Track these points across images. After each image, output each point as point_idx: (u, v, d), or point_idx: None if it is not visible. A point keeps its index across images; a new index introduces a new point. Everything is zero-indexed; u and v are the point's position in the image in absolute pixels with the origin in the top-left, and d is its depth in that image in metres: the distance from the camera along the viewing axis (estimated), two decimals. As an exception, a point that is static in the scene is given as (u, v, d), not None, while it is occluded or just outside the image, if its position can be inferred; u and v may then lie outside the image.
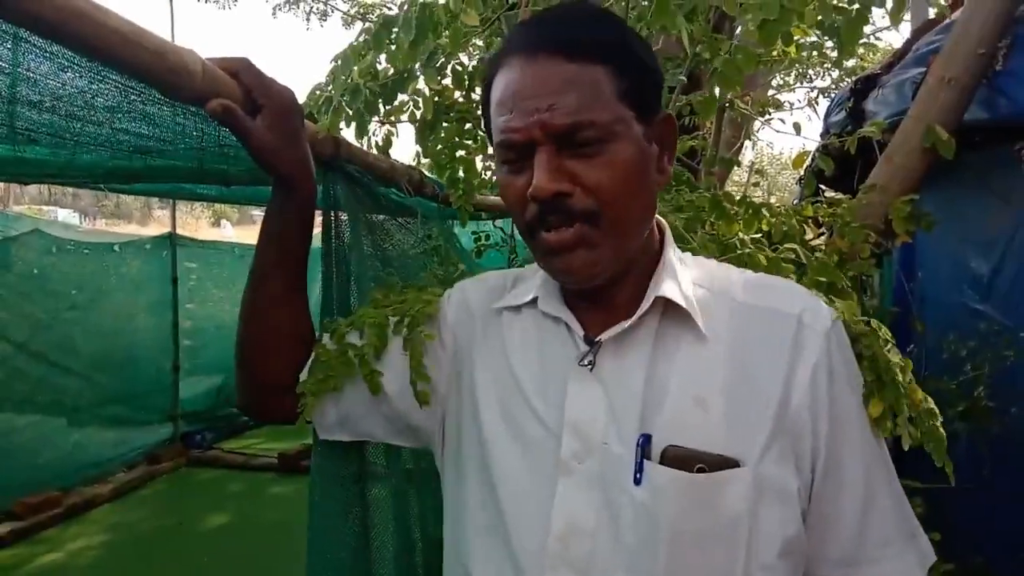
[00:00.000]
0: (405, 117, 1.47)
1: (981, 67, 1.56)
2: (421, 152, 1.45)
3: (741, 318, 0.84)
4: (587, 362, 0.84)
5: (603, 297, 0.86)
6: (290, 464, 5.66)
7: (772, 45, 1.02)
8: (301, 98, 1.35)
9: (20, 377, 4.71)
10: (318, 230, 1.28)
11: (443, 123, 1.39)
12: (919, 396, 0.99)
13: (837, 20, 1.12)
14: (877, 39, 6.53)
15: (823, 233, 1.86)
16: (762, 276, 0.93)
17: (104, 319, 5.48)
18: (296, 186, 0.96)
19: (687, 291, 0.84)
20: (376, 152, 1.50)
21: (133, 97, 1.03)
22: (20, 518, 4.46)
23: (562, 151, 0.77)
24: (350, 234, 1.28)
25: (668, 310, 0.84)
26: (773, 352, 0.81)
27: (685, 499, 0.77)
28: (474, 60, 1.39)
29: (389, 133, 1.48)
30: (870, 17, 1.04)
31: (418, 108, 1.37)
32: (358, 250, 1.29)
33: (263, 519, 4.77)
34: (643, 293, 0.84)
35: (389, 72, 1.33)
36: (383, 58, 1.27)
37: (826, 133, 2.77)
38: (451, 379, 0.98)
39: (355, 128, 1.28)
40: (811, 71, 7.29)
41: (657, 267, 0.86)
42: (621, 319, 0.84)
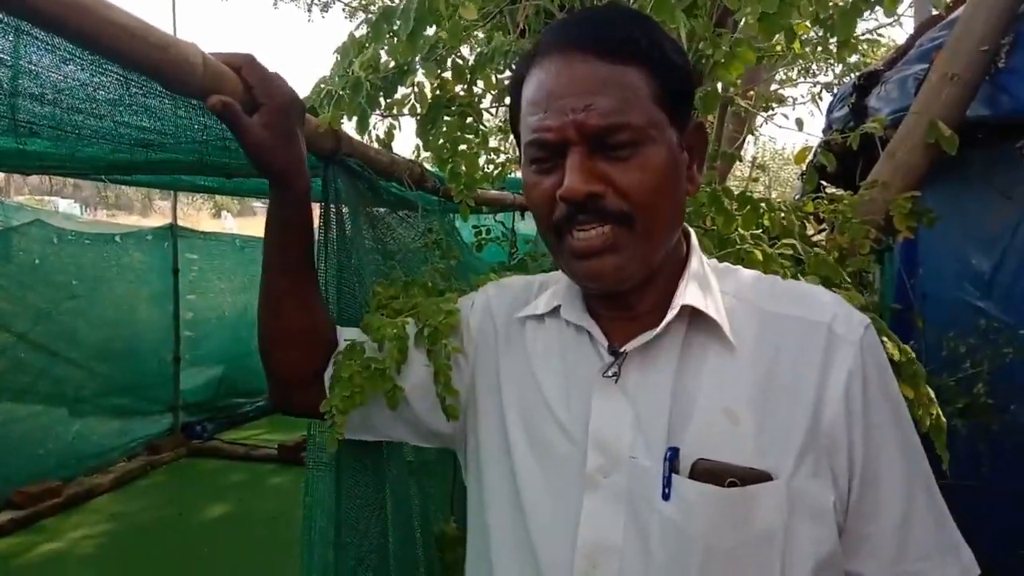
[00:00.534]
0: (406, 110, 1.47)
1: (984, 64, 1.56)
2: (422, 146, 1.45)
3: (770, 327, 0.81)
4: (611, 373, 0.82)
5: (627, 305, 0.84)
6: (290, 455, 5.67)
7: (772, 38, 1.02)
8: (305, 91, 1.35)
9: (21, 367, 4.70)
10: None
11: (444, 117, 1.39)
12: (923, 387, 1.00)
13: (833, 14, 1.12)
14: (879, 35, 6.49)
15: (824, 229, 1.87)
16: (791, 283, 0.90)
17: (105, 310, 5.46)
18: (289, 184, 0.95)
19: (714, 299, 0.82)
20: (378, 146, 1.50)
21: (135, 90, 1.03)
22: (21, 507, 4.46)
23: (595, 153, 0.76)
24: (351, 228, 1.28)
25: (695, 319, 0.81)
26: (804, 362, 0.78)
27: (717, 514, 0.74)
28: (475, 54, 1.38)
29: (391, 127, 1.48)
30: (863, 9, 1.04)
31: (419, 102, 1.37)
32: (358, 244, 1.29)
33: (263, 509, 4.79)
34: (668, 302, 0.82)
35: (390, 65, 1.33)
36: (384, 50, 1.27)
37: (829, 129, 2.77)
38: (475, 388, 0.96)
39: (356, 122, 1.28)
40: (814, 66, 7.26)
41: (683, 275, 0.84)
42: (646, 328, 0.81)
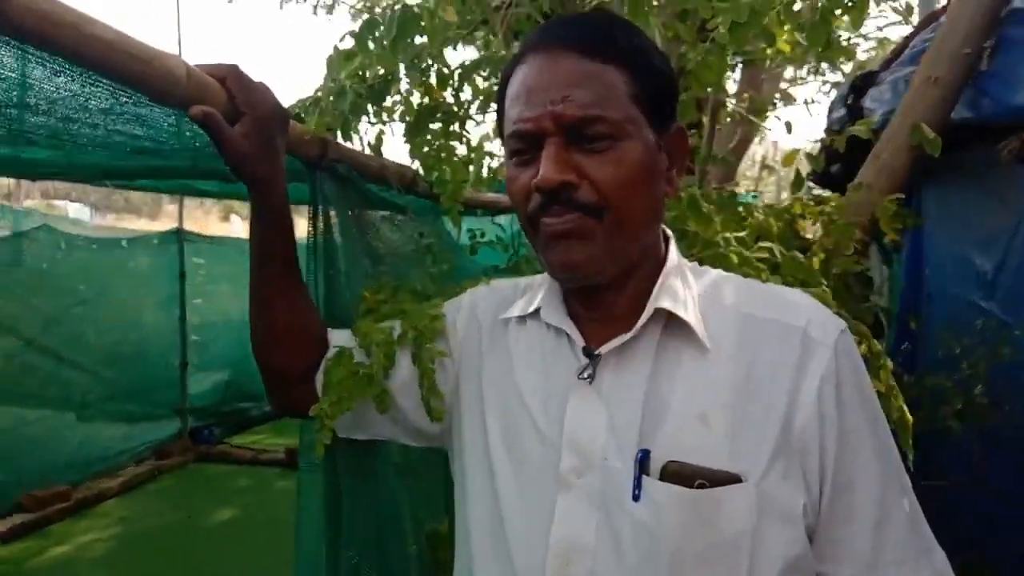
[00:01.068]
0: (397, 116, 1.50)
1: (966, 67, 1.56)
2: (409, 153, 1.47)
3: (745, 330, 0.81)
4: (586, 375, 0.82)
5: (605, 307, 0.85)
6: (297, 459, 5.69)
7: (743, 46, 1.04)
8: (310, 91, 1.38)
9: (29, 372, 4.73)
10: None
11: (430, 124, 1.41)
12: (889, 380, 1.02)
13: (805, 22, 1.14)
14: (879, 37, 6.47)
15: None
16: (769, 287, 0.90)
17: (113, 314, 5.48)
18: (266, 190, 0.98)
19: (689, 303, 0.82)
20: (369, 151, 1.52)
21: (124, 99, 1.05)
22: (30, 511, 4.48)
23: (571, 145, 0.77)
24: (339, 232, 1.30)
25: (670, 322, 0.82)
26: (778, 366, 0.78)
27: (685, 515, 0.75)
28: (460, 62, 1.40)
29: (380, 132, 1.50)
30: (831, 22, 1.06)
31: (406, 108, 1.39)
32: (347, 247, 1.31)
33: (270, 513, 4.80)
34: (645, 305, 0.82)
35: (379, 71, 1.35)
36: (370, 60, 1.29)
37: (829, 130, 2.77)
38: (459, 390, 0.98)
39: (340, 130, 1.30)
40: (823, 64, 7.22)
41: (659, 278, 0.84)
42: (622, 331, 0.82)
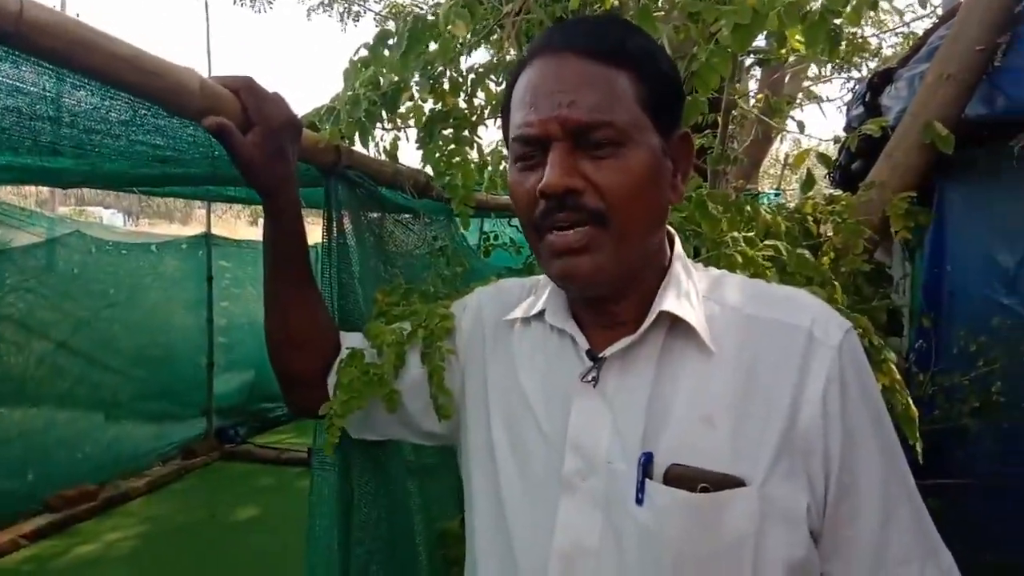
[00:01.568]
0: (412, 122, 1.52)
1: (980, 64, 1.55)
2: (421, 159, 1.49)
3: (749, 331, 0.81)
4: (590, 378, 0.82)
5: (609, 311, 0.84)
6: (320, 459, 5.75)
7: (745, 48, 1.05)
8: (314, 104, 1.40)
9: (60, 374, 4.82)
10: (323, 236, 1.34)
11: (441, 131, 1.43)
12: (893, 373, 1.03)
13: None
14: (905, 33, 6.38)
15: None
16: (775, 287, 0.90)
17: (142, 317, 5.58)
18: (277, 197, 1.00)
19: (693, 305, 0.82)
20: (384, 157, 1.55)
21: (143, 111, 1.09)
22: (57, 510, 4.56)
23: (576, 150, 0.76)
24: (352, 236, 1.32)
25: (674, 325, 0.81)
26: (782, 367, 0.78)
27: (688, 520, 0.74)
28: (470, 67, 1.42)
29: (396, 139, 1.53)
30: (829, 21, 1.06)
31: (415, 116, 1.42)
32: (360, 251, 1.34)
33: (292, 512, 4.81)
34: (649, 307, 0.82)
35: (394, 79, 1.38)
36: (384, 70, 1.32)
37: (848, 127, 2.75)
38: (464, 390, 0.99)
39: (358, 137, 1.33)
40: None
41: (663, 281, 0.84)
42: (627, 334, 0.81)
